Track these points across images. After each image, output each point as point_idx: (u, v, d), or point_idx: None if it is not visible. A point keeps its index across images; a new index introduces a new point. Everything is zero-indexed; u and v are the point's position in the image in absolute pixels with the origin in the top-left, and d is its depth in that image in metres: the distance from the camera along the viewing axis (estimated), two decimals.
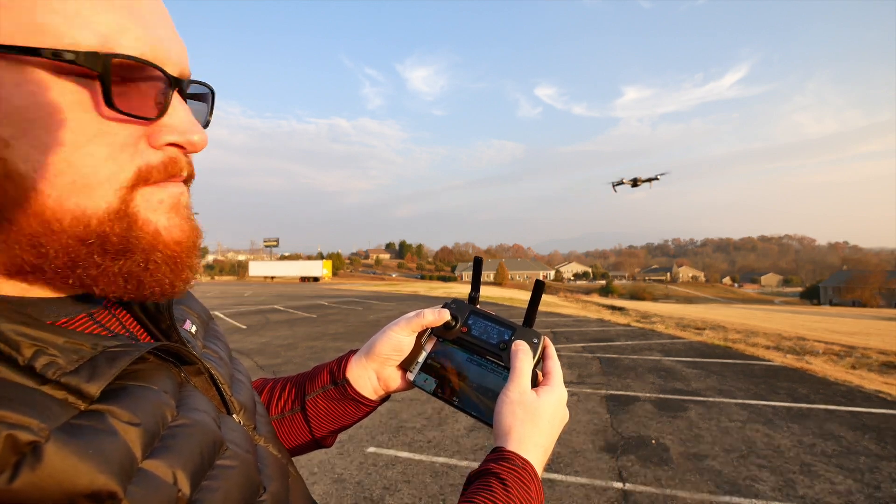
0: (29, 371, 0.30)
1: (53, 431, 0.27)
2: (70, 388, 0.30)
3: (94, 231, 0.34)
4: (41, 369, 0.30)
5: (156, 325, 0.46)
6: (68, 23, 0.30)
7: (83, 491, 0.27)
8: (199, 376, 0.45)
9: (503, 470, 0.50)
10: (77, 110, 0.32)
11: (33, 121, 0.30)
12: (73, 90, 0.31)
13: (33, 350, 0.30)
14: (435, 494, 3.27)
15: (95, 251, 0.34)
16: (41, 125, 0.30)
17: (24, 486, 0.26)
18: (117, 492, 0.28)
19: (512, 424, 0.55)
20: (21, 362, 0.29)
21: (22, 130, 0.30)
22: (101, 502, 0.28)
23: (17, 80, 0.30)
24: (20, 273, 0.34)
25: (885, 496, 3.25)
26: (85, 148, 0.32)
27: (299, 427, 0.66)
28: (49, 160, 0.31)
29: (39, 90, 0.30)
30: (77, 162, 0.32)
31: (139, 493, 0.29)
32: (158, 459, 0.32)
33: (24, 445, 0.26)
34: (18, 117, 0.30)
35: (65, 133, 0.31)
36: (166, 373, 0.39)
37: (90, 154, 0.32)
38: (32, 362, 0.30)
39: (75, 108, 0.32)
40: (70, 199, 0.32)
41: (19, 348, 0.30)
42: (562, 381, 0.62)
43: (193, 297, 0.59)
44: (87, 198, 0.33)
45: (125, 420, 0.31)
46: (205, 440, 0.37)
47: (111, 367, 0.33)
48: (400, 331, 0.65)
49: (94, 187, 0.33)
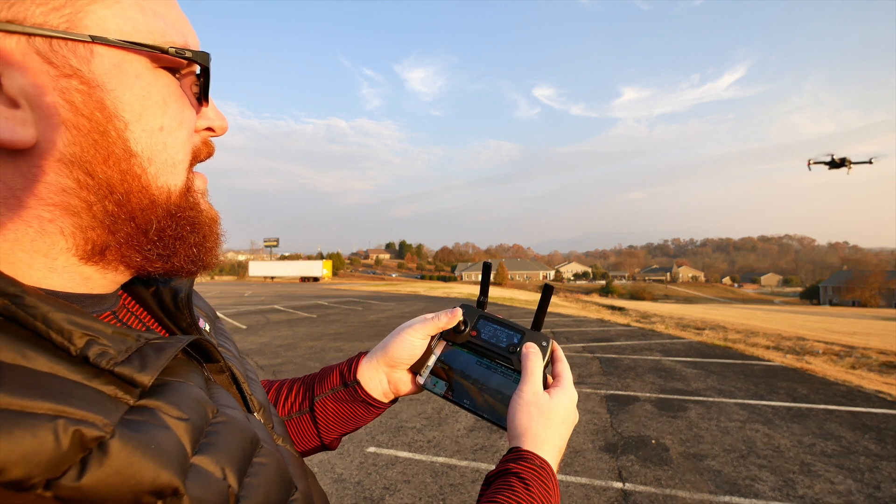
0: (82, 361, 0.29)
1: (117, 427, 0.27)
2: (123, 379, 0.30)
3: (175, 205, 0.38)
4: (94, 359, 0.30)
5: (175, 324, 0.46)
6: (167, 26, 0.36)
7: (148, 487, 0.27)
8: (220, 374, 0.45)
9: (523, 469, 0.51)
10: (172, 100, 0.37)
11: (146, 107, 0.35)
12: (169, 82, 0.37)
13: (85, 339, 0.30)
14: (435, 494, 3.27)
15: (178, 223, 0.39)
16: (151, 112, 0.35)
17: (93, 482, 0.25)
18: (179, 487, 0.28)
19: (528, 425, 0.56)
20: (73, 352, 0.29)
21: (137, 116, 0.35)
22: (163, 498, 0.28)
23: (137, 73, 0.35)
24: (94, 255, 0.35)
25: (885, 496, 3.26)
26: (176, 132, 0.37)
27: (307, 428, 0.66)
28: (154, 142, 0.36)
29: (151, 82, 0.36)
30: (170, 144, 0.37)
31: (196, 488, 0.30)
32: (207, 455, 0.32)
33: (91, 441, 0.26)
34: (136, 104, 0.35)
35: (165, 119, 0.36)
36: (196, 370, 0.39)
37: (177, 138, 0.38)
38: (85, 352, 0.29)
39: (171, 98, 0.37)
40: (162, 177, 0.37)
41: (72, 338, 0.29)
42: (572, 382, 0.63)
43: (200, 297, 0.59)
44: (172, 176, 0.38)
45: (174, 416, 0.31)
46: (244, 437, 0.37)
47: (159, 357, 0.33)
48: (414, 334, 0.65)
49: (177, 167, 0.38)
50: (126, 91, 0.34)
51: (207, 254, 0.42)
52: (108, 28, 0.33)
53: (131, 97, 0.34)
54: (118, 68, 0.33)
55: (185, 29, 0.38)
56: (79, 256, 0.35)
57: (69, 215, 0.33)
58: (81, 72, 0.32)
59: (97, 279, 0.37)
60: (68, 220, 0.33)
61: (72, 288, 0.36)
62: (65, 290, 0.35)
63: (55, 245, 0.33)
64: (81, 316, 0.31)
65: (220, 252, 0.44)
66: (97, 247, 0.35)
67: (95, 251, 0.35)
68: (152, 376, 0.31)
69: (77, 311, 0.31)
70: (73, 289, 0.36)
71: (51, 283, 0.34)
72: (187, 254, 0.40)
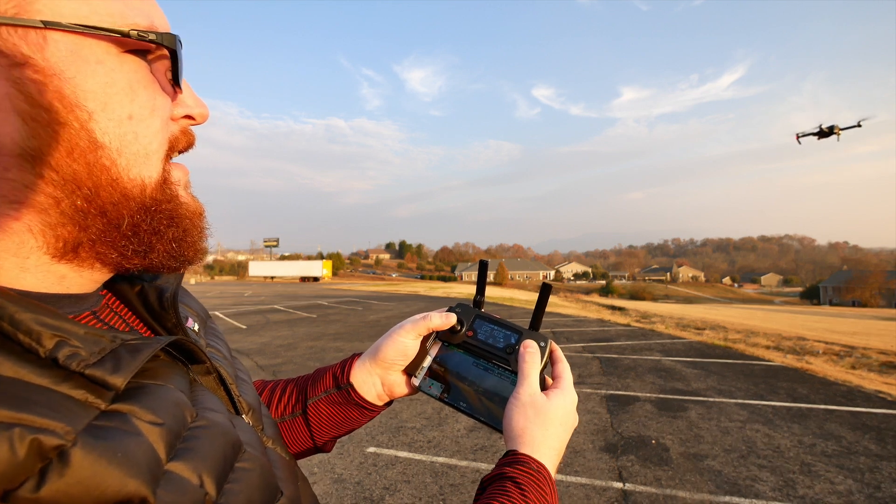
0: (51, 363, 0.28)
1: (80, 434, 0.26)
2: (95, 381, 0.29)
3: (151, 198, 0.36)
4: (64, 361, 0.28)
5: (160, 324, 0.45)
6: (128, 8, 0.34)
7: (113, 497, 0.26)
8: (207, 376, 0.44)
9: (519, 474, 0.50)
10: (140, 86, 0.35)
11: (111, 95, 0.33)
12: (136, 68, 0.35)
13: (55, 341, 0.29)
14: (435, 494, 3.26)
15: (154, 217, 0.37)
16: (117, 100, 0.33)
17: (52, 493, 0.24)
18: (147, 496, 0.27)
19: (524, 427, 0.54)
20: (42, 354, 0.28)
21: (101, 105, 0.32)
22: None
23: (98, 59, 0.32)
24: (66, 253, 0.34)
25: (885, 496, 3.25)
26: (147, 121, 0.35)
27: (300, 431, 0.65)
28: (123, 132, 0.34)
29: (115, 68, 0.33)
30: (141, 133, 0.35)
31: (168, 496, 0.28)
32: (183, 461, 0.31)
33: (50, 450, 0.25)
34: (100, 92, 0.32)
35: (134, 107, 0.34)
36: (179, 371, 0.38)
37: (149, 126, 0.36)
38: (55, 353, 0.28)
39: (139, 84, 0.35)
40: (133, 169, 0.35)
41: (40, 339, 0.28)
42: (572, 384, 0.61)
43: (191, 295, 0.57)
44: (145, 167, 0.36)
45: (148, 420, 0.30)
46: (225, 442, 0.36)
47: (134, 358, 0.32)
48: (406, 335, 0.64)
49: (151, 157, 0.36)
50: (87, 79, 0.32)
51: (189, 248, 0.40)
52: (62, 12, 0.30)
53: (94, 85, 0.32)
54: (76, 55, 0.31)
55: (150, 10, 0.36)
56: (51, 255, 0.33)
57: (36, 213, 0.32)
58: (34, 59, 0.30)
59: (73, 278, 0.36)
60: (36, 218, 0.32)
61: (47, 287, 0.34)
62: (39, 290, 0.34)
63: (25, 244, 0.32)
64: (52, 316, 0.30)
65: (205, 246, 0.42)
66: (69, 244, 0.34)
67: (67, 249, 0.34)
68: (125, 379, 0.30)
69: (47, 312, 0.30)
70: (49, 288, 0.34)
71: (23, 282, 0.33)
72: (166, 249, 0.38)
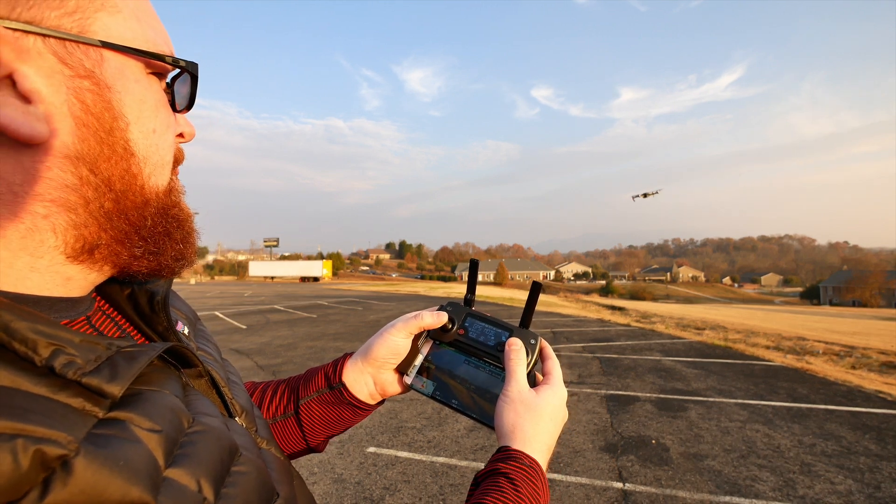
0: (47, 372, 0.28)
1: (81, 443, 0.26)
2: (91, 390, 0.29)
3: (164, 203, 0.41)
4: (60, 369, 0.28)
5: (151, 327, 0.45)
6: (157, 35, 0.39)
7: None
8: (199, 379, 0.44)
9: (512, 469, 0.50)
10: (161, 104, 0.40)
11: (143, 111, 0.38)
12: (157, 88, 0.40)
13: (51, 349, 0.29)
14: (435, 494, 3.27)
15: (167, 220, 0.41)
16: (147, 115, 0.38)
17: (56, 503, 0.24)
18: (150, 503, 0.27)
19: (515, 423, 0.55)
20: (38, 363, 0.28)
21: (136, 118, 0.37)
22: None
23: (136, 77, 0.37)
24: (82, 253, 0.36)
25: (885, 496, 3.26)
26: (165, 135, 0.40)
27: (292, 431, 0.65)
28: (149, 143, 0.38)
29: (148, 87, 0.38)
30: (161, 146, 0.40)
31: (169, 502, 0.29)
32: (181, 468, 0.31)
33: (54, 460, 0.25)
34: (135, 107, 0.37)
35: (157, 122, 0.39)
36: (173, 376, 0.38)
37: (166, 140, 0.41)
38: (51, 362, 0.28)
39: (160, 102, 0.40)
40: (153, 177, 0.39)
41: (36, 348, 0.28)
42: (562, 380, 0.62)
43: (179, 298, 0.58)
44: (161, 176, 0.41)
45: (146, 428, 0.30)
46: (221, 446, 0.36)
47: (131, 366, 0.32)
48: (397, 333, 0.64)
49: (165, 167, 0.41)
50: (127, 94, 0.36)
51: (190, 249, 0.44)
52: (112, 35, 0.35)
53: (131, 100, 0.36)
54: (121, 72, 0.36)
55: (167, 40, 0.41)
56: (66, 255, 0.35)
57: (65, 211, 0.34)
58: (95, 73, 0.34)
59: (78, 280, 0.37)
60: (63, 217, 0.34)
61: (49, 290, 0.35)
62: (41, 292, 0.34)
63: (43, 243, 0.33)
64: (47, 324, 0.30)
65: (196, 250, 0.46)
66: (88, 244, 0.35)
67: (85, 249, 0.35)
68: (122, 387, 0.30)
69: (43, 320, 0.30)
70: (51, 291, 0.35)
71: (28, 283, 0.33)
72: (174, 250, 0.42)
